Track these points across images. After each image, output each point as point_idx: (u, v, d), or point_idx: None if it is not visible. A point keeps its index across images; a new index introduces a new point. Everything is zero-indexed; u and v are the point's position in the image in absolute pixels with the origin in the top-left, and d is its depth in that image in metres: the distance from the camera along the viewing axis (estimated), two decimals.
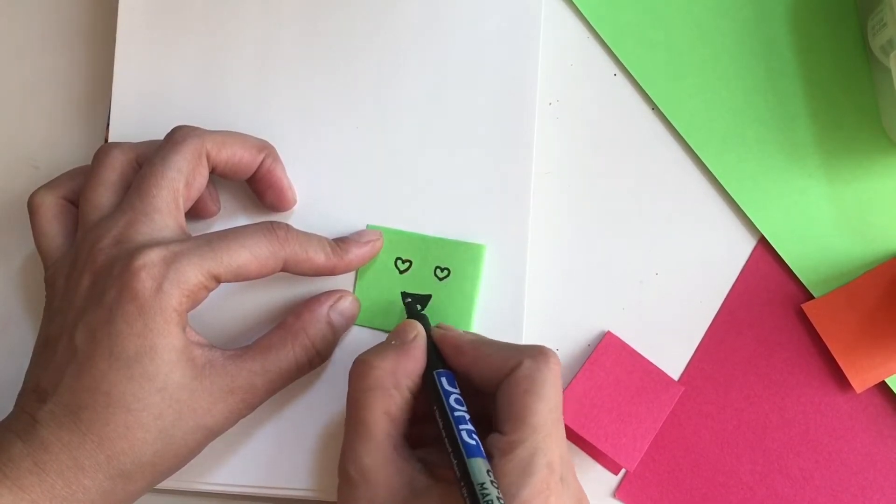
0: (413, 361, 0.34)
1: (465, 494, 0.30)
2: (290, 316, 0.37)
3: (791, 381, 0.39)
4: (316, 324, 0.37)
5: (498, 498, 0.29)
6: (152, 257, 0.33)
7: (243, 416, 0.36)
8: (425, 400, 0.34)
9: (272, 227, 0.35)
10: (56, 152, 0.44)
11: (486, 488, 0.29)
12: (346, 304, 0.38)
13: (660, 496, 0.39)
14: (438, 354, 0.35)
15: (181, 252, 0.33)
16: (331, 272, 0.37)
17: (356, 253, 0.38)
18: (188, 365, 0.33)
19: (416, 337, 0.35)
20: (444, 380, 0.33)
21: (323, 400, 0.39)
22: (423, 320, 0.36)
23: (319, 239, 0.37)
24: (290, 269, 0.36)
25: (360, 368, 0.33)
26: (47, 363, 0.34)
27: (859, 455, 0.39)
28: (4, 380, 0.38)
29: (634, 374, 0.39)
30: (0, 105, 0.44)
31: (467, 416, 0.32)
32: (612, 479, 0.40)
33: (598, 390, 0.38)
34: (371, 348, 0.34)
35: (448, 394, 0.33)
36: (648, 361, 0.39)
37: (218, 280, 0.34)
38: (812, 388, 0.39)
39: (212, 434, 0.35)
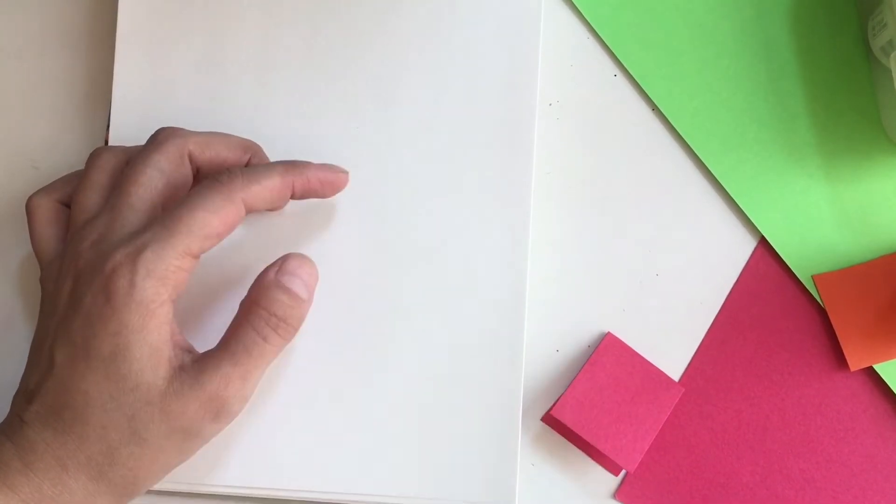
0: None
1: None
2: (243, 299, 0.36)
3: (791, 383, 0.39)
4: (266, 292, 0.35)
5: None
6: (119, 257, 0.33)
7: (231, 415, 0.34)
8: None
9: (214, 176, 0.35)
10: (56, 153, 0.44)
11: None
12: (291, 263, 0.36)
13: (660, 497, 0.39)
14: None
15: (144, 243, 0.33)
16: (293, 192, 0.36)
17: (316, 174, 0.37)
18: (161, 363, 0.33)
19: None
20: None
21: (323, 400, 0.39)
22: None
23: (268, 164, 0.36)
24: (256, 207, 0.35)
25: None
26: (34, 366, 0.34)
27: (860, 456, 0.39)
28: (5, 380, 0.39)
29: (635, 375, 0.39)
30: (0, 105, 0.44)
31: None
32: (613, 481, 0.40)
33: (598, 391, 0.38)
34: None
35: None
36: (649, 362, 0.39)
37: (190, 254, 0.33)
38: (813, 390, 0.39)
39: (190, 438, 0.34)
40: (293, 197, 0.37)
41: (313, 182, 0.37)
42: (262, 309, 0.35)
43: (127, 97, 0.41)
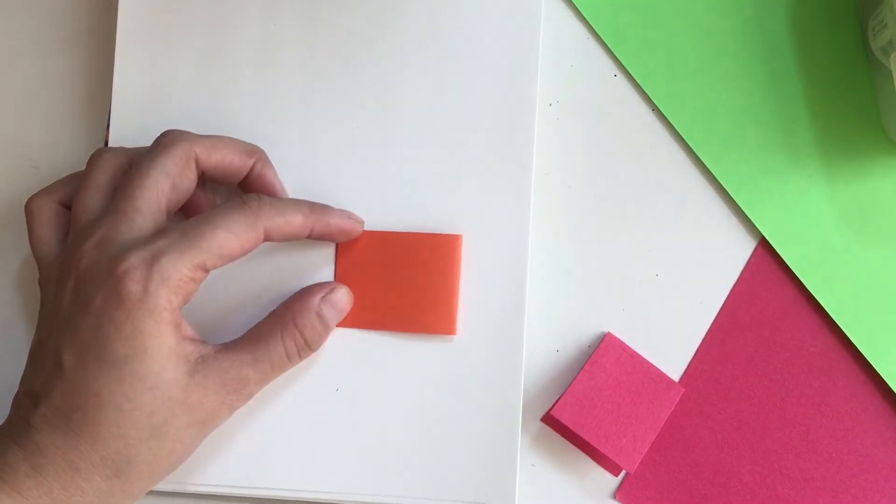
0: None
1: None
2: (281, 305, 0.38)
3: (791, 382, 0.39)
4: (305, 314, 0.37)
5: None
6: (133, 261, 0.33)
7: (237, 409, 0.36)
8: None
9: (243, 199, 0.35)
10: (56, 153, 0.44)
11: None
12: (337, 296, 0.38)
13: (660, 497, 0.39)
14: None
15: (161, 249, 0.33)
16: (311, 232, 0.37)
17: (336, 221, 0.38)
18: (180, 362, 0.33)
19: None
20: None
21: (321, 402, 0.39)
22: None
23: (294, 201, 0.37)
24: (273, 238, 0.36)
25: None
26: (39, 368, 0.34)
27: (860, 456, 0.39)
28: (4, 380, 0.38)
29: (635, 375, 0.39)
30: (0, 105, 0.44)
31: None
32: (613, 481, 0.40)
33: (598, 391, 0.38)
34: None
35: None
36: (649, 362, 0.39)
37: (204, 269, 0.34)
38: (812, 389, 0.39)
39: (205, 428, 0.35)
40: (308, 236, 0.38)
41: (332, 228, 0.38)
42: (297, 329, 0.36)
43: (127, 97, 0.41)
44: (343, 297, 0.38)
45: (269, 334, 0.36)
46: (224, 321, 0.39)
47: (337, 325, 0.39)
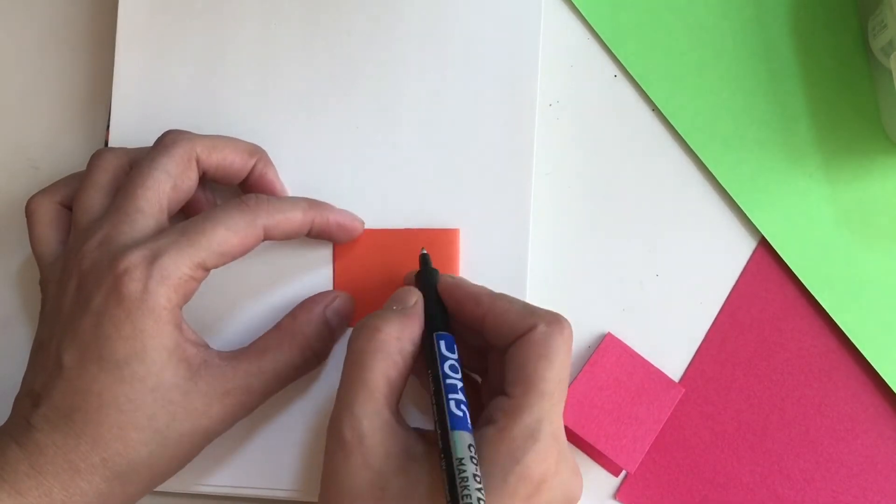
0: (415, 327, 0.33)
1: (444, 467, 0.29)
2: (286, 317, 0.38)
3: (791, 383, 0.39)
4: (312, 324, 0.37)
5: (474, 476, 0.28)
6: (133, 259, 0.33)
7: (240, 418, 0.35)
8: (419, 367, 0.34)
9: (241, 198, 0.36)
10: (56, 153, 0.44)
11: (463, 464, 0.29)
12: (341, 304, 0.38)
13: (660, 497, 0.39)
14: (442, 312, 0.34)
15: (160, 248, 0.33)
16: (311, 229, 0.37)
17: (336, 217, 0.38)
18: (181, 365, 0.33)
19: (416, 302, 0.34)
20: (442, 343, 0.33)
21: (320, 401, 0.39)
22: (434, 276, 0.36)
23: (293, 198, 0.37)
24: (273, 235, 0.36)
25: (366, 332, 0.32)
26: (40, 368, 0.34)
27: (860, 456, 0.39)
28: (4, 380, 0.39)
29: (635, 375, 0.39)
30: (0, 105, 0.44)
31: (459, 385, 0.32)
32: (613, 481, 0.40)
33: (598, 392, 0.38)
34: (373, 313, 0.34)
35: (444, 359, 0.32)
36: (649, 363, 0.39)
37: (204, 267, 0.34)
38: (812, 390, 0.39)
39: (208, 435, 0.35)
40: (309, 234, 0.37)
41: (332, 225, 0.38)
42: (304, 339, 0.37)
43: (127, 97, 0.41)
44: (347, 304, 0.39)
45: (276, 346, 0.36)
46: (224, 322, 0.39)
47: None
